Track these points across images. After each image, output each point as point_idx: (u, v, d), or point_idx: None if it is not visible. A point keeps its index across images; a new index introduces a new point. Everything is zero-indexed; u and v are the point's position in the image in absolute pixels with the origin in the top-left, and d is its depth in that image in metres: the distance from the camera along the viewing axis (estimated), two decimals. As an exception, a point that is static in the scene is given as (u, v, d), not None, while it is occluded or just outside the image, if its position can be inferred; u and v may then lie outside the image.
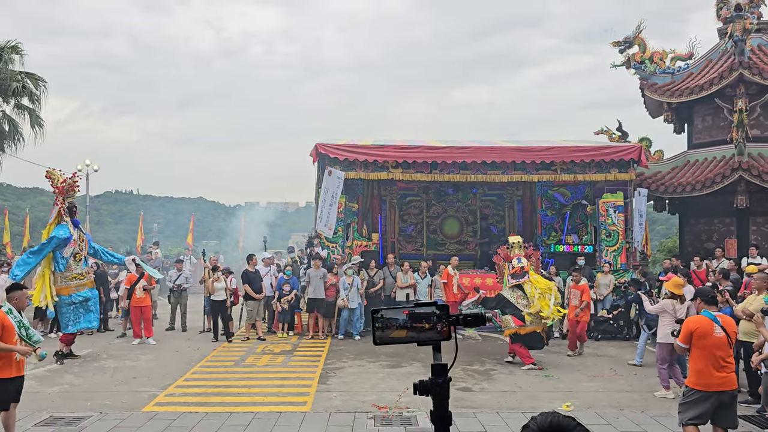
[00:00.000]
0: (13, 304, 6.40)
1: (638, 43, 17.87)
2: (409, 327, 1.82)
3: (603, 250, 15.04)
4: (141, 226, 28.91)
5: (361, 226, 16.72)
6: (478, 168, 14.97)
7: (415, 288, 14.03)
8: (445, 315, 1.83)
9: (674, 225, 22.45)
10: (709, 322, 5.82)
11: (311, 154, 15.19)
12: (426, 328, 1.82)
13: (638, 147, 15.23)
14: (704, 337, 5.76)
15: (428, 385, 1.81)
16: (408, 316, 1.82)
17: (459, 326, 1.89)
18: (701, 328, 5.80)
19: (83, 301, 11.60)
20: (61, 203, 11.59)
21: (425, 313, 1.83)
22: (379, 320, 1.82)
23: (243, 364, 11.13)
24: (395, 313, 1.84)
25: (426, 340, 1.82)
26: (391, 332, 1.82)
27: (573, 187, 17.04)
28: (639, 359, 11.07)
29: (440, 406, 1.80)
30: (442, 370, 1.82)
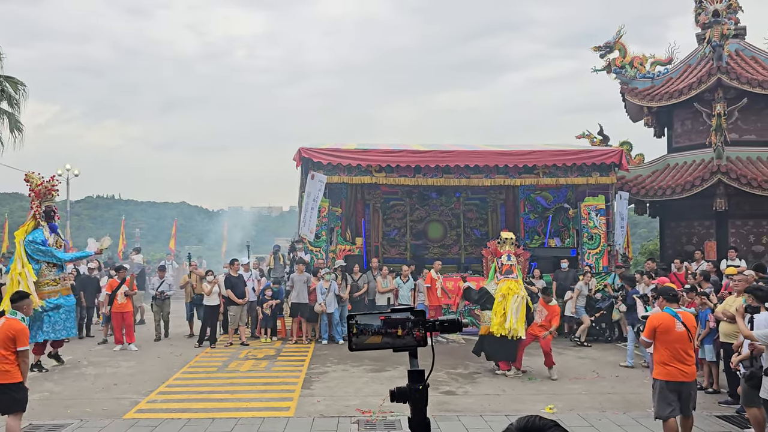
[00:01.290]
0: (22, 312, 6.83)
1: (619, 48, 18.07)
2: (384, 333, 1.81)
3: (585, 253, 15.17)
4: (123, 232, 28.64)
5: (344, 230, 16.72)
6: (461, 172, 15.04)
7: (396, 292, 14.03)
8: (421, 321, 1.82)
9: (655, 228, 22.69)
10: (670, 318, 6.31)
11: (295, 158, 15.16)
12: (401, 334, 1.81)
13: (619, 151, 15.39)
14: (667, 332, 6.25)
15: (406, 391, 1.80)
16: (383, 322, 1.82)
17: (435, 332, 1.88)
18: (664, 324, 6.29)
19: (54, 309, 11.20)
20: (37, 207, 11.42)
21: (400, 319, 1.82)
22: (355, 326, 1.81)
23: (226, 369, 11.06)
24: (371, 319, 1.82)
25: (401, 346, 1.81)
26: (366, 338, 1.81)
27: (555, 190, 17.17)
28: (630, 360, 11.18)
29: (419, 412, 1.79)
30: (419, 377, 1.81)
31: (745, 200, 15.72)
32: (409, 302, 13.91)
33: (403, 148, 15.37)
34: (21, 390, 6.24)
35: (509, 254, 10.83)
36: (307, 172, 14.73)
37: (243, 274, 13.93)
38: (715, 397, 8.99)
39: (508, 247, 10.90)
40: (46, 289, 11.18)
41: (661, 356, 6.32)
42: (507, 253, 10.85)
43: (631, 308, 11.71)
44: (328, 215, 15.23)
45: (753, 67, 16.55)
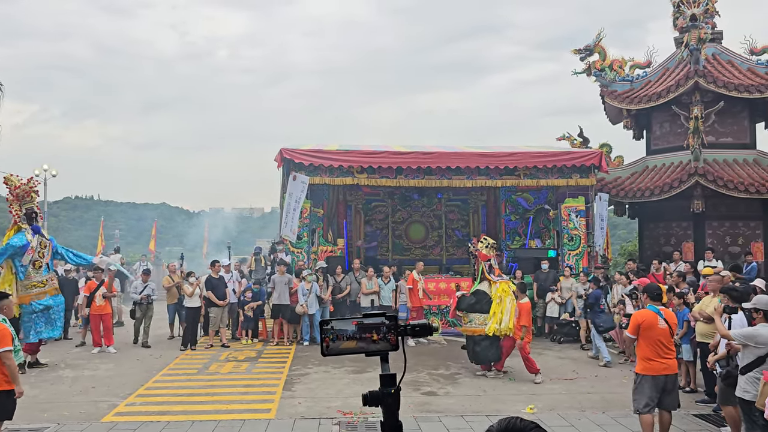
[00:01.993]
0: (3, 313, 6.62)
1: (598, 51, 18.25)
2: (358, 338, 1.81)
3: (565, 254, 15.29)
4: (102, 233, 28.25)
5: (326, 231, 16.67)
6: (443, 173, 15.08)
7: (379, 294, 14.02)
8: (392, 325, 1.82)
9: (634, 229, 22.92)
10: (653, 315, 6.59)
11: (276, 159, 15.09)
12: (375, 339, 1.81)
13: (599, 153, 15.54)
14: (650, 328, 6.53)
15: (378, 395, 1.79)
16: (357, 327, 1.81)
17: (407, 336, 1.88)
18: (647, 321, 6.57)
19: (44, 310, 11.27)
20: (16, 211, 11.27)
21: (375, 324, 1.81)
22: (330, 331, 1.80)
23: (206, 371, 10.97)
24: (345, 324, 1.82)
25: (375, 351, 1.81)
26: (341, 343, 1.80)
27: (536, 192, 17.28)
28: (607, 357, 11.32)
29: (391, 416, 1.78)
30: (391, 381, 1.81)
31: (722, 202, 15.96)
32: (390, 303, 13.92)
33: (385, 150, 15.38)
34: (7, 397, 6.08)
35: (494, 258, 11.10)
36: (289, 173, 14.67)
37: (224, 276, 13.83)
38: (693, 396, 9.11)
39: (492, 251, 11.09)
40: (34, 291, 11.09)
41: (644, 352, 6.57)
42: (492, 257, 11.04)
43: (592, 307, 11.86)
44: (310, 216, 15.19)
45: (729, 71, 16.81)
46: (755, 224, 16.56)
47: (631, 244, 28.49)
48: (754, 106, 16.90)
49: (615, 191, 17.01)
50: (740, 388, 6.00)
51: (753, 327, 6.05)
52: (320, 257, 15.33)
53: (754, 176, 15.86)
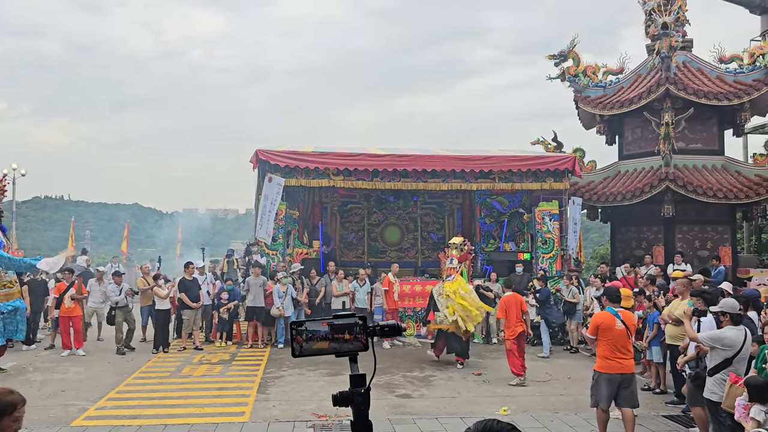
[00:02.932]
0: None
1: (572, 57, 18.49)
2: (331, 338, 1.82)
3: (539, 257, 15.45)
4: (72, 233, 27.77)
5: (301, 233, 16.62)
6: (419, 176, 15.14)
7: (353, 296, 14.02)
8: (362, 326, 1.84)
9: (607, 233, 23.26)
10: (611, 317, 6.96)
11: (251, 160, 15.01)
12: (347, 338, 1.82)
13: (572, 157, 15.74)
14: (608, 329, 6.89)
15: (348, 395, 1.80)
16: (329, 328, 1.82)
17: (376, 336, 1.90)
18: (606, 322, 6.94)
19: (12, 312, 10.98)
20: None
21: (348, 324, 1.83)
22: (303, 332, 1.81)
23: (179, 374, 10.85)
24: (316, 325, 1.83)
25: (346, 352, 1.82)
26: (314, 344, 1.81)
27: (510, 195, 17.45)
28: (546, 353, 12.46)
29: (360, 416, 1.80)
30: (361, 381, 1.82)
31: (692, 207, 16.28)
32: (366, 306, 13.92)
33: (361, 152, 15.40)
34: None
35: (452, 258, 11.66)
36: (264, 175, 14.59)
37: (198, 278, 13.70)
38: (662, 398, 9.27)
39: (453, 251, 11.69)
40: (3, 291, 10.84)
41: (602, 351, 6.97)
42: (451, 257, 11.66)
43: (543, 304, 13.03)
44: (285, 218, 15.12)
45: (699, 79, 17.16)
46: (723, 229, 16.92)
47: (604, 248, 28.90)
48: (722, 114, 17.27)
49: (588, 195, 17.24)
50: (708, 390, 6.13)
51: (720, 330, 6.18)
52: (295, 259, 15.27)
53: (723, 182, 16.21)
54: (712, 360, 6.10)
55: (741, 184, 16.10)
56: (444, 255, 12.19)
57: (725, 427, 5.88)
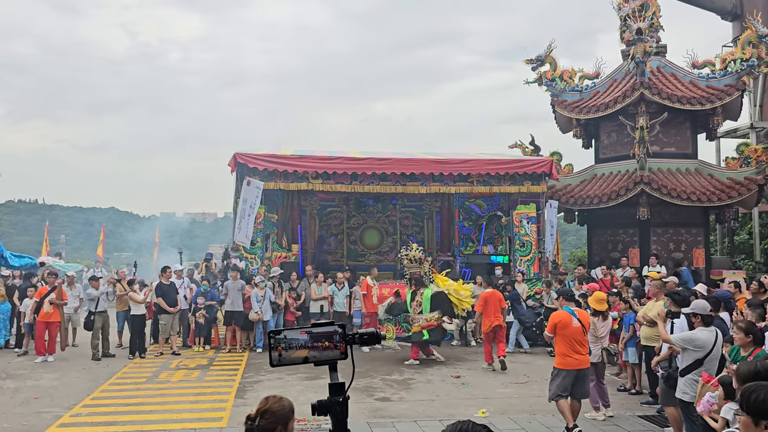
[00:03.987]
0: None
1: (549, 62, 18.70)
2: (310, 347, 1.82)
3: (517, 260, 15.57)
4: (46, 238, 27.35)
5: (280, 237, 16.56)
6: (398, 179, 15.19)
7: (331, 300, 14.01)
8: (343, 334, 1.84)
9: (584, 235, 23.51)
10: (568, 316, 7.44)
11: (230, 163, 14.94)
12: (327, 346, 1.82)
13: (549, 161, 15.91)
14: (565, 327, 7.38)
15: (327, 404, 1.81)
16: (308, 336, 1.82)
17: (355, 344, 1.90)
18: (562, 321, 7.42)
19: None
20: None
21: (327, 333, 1.83)
22: (282, 341, 1.81)
23: (156, 380, 10.74)
24: (295, 334, 1.83)
25: (325, 360, 1.82)
26: (292, 352, 1.81)
27: (489, 198, 17.58)
28: (511, 347, 13.09)
29: (339, 424, 1.80)
30: (340, 389, 1.83)
31: (666, 209, 16.54)
32: (344, 309, 13.92)
33: (340, 155, 15.40)
34: None
35: None
36: (243, 178, 14.52)
37: (175, 282, 13.58)
38: (638, 398, 9.40)
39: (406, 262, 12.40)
40: None
41: (560, 348, 7.45)
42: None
43: (514, 305, 13.51)
44: (264, 222, 15.07)
45: (673, 84, 17.45)
46: (697, 231, 17.21)
47: (581, 250, 29.17)
48: (695, 118, 17.58)
49: (565, 198, 17.43)
50: (680, 390, 6.23)
51: (692, 331, 6.29)
52: (274, 263, 15.21)
53: (696, 185, 16.50)
54: (683, 360, 6.20)
55: (714, 187, 16.39)
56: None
57: (697, 426, 5.98)
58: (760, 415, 2.42)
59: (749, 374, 3.34)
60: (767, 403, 2.41)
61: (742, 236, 22.65)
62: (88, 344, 13.25)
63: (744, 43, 17.13)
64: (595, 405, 8.30)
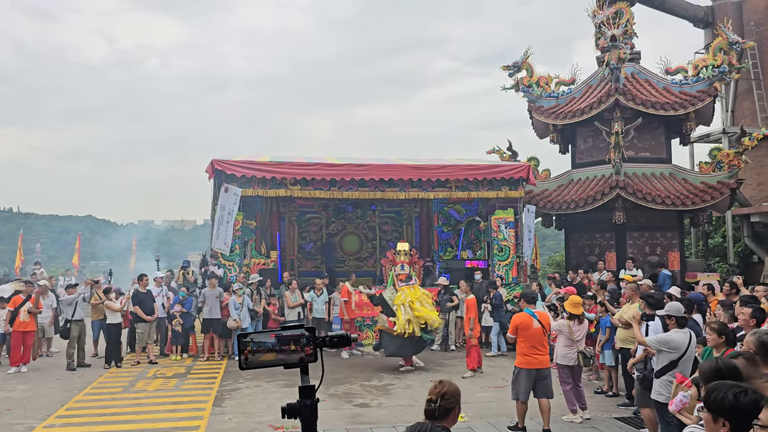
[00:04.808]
0: None
1: (526, 68, 18.89)
2: (278, 350, 1.82)
3: (495, 265, 15.64)
4: (20, 247, 26.89)
5: (259, 243, 16.46)
6: (377, 185, 15.19)
7: (310, 306, 13.95)
8: (311, 337, 1.84)
9: (562, 240, 23.72)
10: (529, 317, 7.83)
11: (207, 170, 14.79)
12: (295, 350, 1.82)
13: (527, 166, 16.01)
14: (526, 328, 7.74)
15: (297, 407, 1.81)
16: (276, 339, 1.82)
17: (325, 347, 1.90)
18: (524, 322, 7.79)
19: None
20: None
21: (294, 336, 1.83)
22: (250, 344, 1.80)
23: (132, 389, 10.59)
24: (264, 337, 1.82)
25: (294, 363, 1.83)
26: (260, 356, 1.81)
27: (467, 204, 17.66)
28: (495, 351, 13.50)
29: (309, 427, 1.81)
30: (310, 392, 1.83)
31: (641, 213, 16.75)
32: (323, 316, 13.87)
33: (318, 161, 15.37)
34: None
35: (403, 264, 12.11)
36: (221, 185, 14.42)
37: (152, 290, 13.43)
38: (615, 400, 9.48)
39: (402, 257, 12.13)
40: None
41: (521, 348, 7.78)
42: (401, 263, 12.11)
43: (496, 307, 13.81)
44: (242, 228, 14.97)
45: (647, 89, 17.71)
46: (672, 234, 17.45)
47: (559, 255, 29.43)
48: (669, 123, 17.85)
49: (542, 203, 17.57)
50: (655, 391, 6.29)
51: (666, 333, 6.36)
52: (253, 270, 15.12)
53: (670, 189, 16.73)
54: (659, 362, 6.26)
55: (688, 191, 16.64)
56: (387, 261, 12.58)
57: (672, 427, 6.04)
58: (718, 413, 2.55)
59: (710, 372, 3.42)
60: (725, 402, 2.53)
61: (716, 239, 23.01)
62: (63, 354, 13.02)
63: (715, 49, 17.46)
64: (572, 407, 8.35)
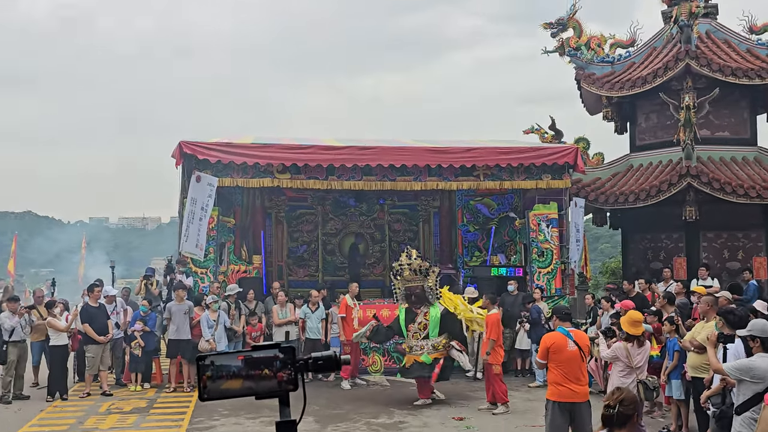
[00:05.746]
0: None
1: (573, 26, 18.79)
2: (245, 375, 1.79)
3: (534, 273, 15.57)
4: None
5: (238, 246, 16.49)
6: (386, 173, 15.18)
7: (303, 324, 13.96)
8: (290, 359, 1.81)
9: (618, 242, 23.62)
10: (562, 338, 7.62)
11: (174, 154, 14.83)
12: (266, 375, 1.79)
13: (574, 149, 15.95)
14: (559, 351, 7.56)
15: None
16: (244, 362, 1.79)
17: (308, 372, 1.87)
18: (556, 344, 7.60)
19: None
20: None
21: (265, 358, 1.79)
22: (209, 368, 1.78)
23: (81, 428, 10.66)
24: (229, 359, 1.79)
25: (267, 392, 1.79)
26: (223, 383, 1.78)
27: (499, 197, 17.61)
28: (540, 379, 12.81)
29: None
30: (290, 428, 1.80)
31: (718, 209, 16.61)
32: (320, 336, 13.88)
33: (313, 144, 15.39)
34: None
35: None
36: (191, 173, 14.46)
37: (106, 305, 13.47)
38: (684, 443, 9.42)
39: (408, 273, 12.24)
40: None
41: (553, 376, 7.64)
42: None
43: (535, 324, 13.51)
44: (218, 227, 14.99)
45: (726, 52, 17.58)
46: (757, 235, 17.32)
47: (615, 260, 29.34)
48: (754, 95, 17.72)
49: (593, 196, 17.48)
50: (735, 431, 6.24)
51: (749, 358, 6.30)
52: (231, 279, 15.15)
53: (756, 178, 16.59)
54: (739, 395, 6.21)
55: (778, 180, 16.49)
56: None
57: (757, 477, 5.99)
58: None
59: None
60: None
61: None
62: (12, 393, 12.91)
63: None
64: None
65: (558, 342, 7.61)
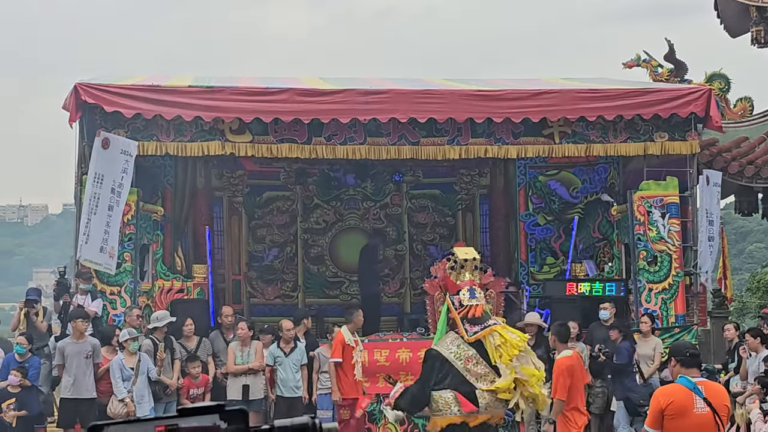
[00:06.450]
0: None
1: None
2: None
3: (642, 290, 15.48)
4: None
5: (170, 250, 16.53)
6: (404, 133, 15.13)
7: (272, 374, 13.97)
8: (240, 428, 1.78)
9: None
10: (687, 393, 7.31)
11: (67, 105, 14.82)
12: None
13: (705, 91, 15.83)
14: (680, 415, 7.27)
15: None
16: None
17: None
18: (675, 402, 7.31)
19: None
20: None
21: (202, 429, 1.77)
22: None
23: None
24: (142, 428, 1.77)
25: None
26: None
27: (586, 169, 17.53)
28: None
29: None
30: None
31: None
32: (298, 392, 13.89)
33: (287, 87, 15.32)
34: None
35: (472, 287, 11.31)
36: (94, 134, 14.47)
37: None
38: None
39: (469, 274, 11.41)
40: None
41: None
42: (469, 284, 11.32)
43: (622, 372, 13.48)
44: (137, 220, 15.00)
45: None
46: None
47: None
48: None
49: (736, 167, 17.39)
50: None
51: None
52: (159, 303, 15.18)
53: None
54: None
55: None
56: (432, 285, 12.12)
57: None
58: None
59: None
60: None
61: None
62: None
63: None
64: None
65: (679, 400, 7.32)
